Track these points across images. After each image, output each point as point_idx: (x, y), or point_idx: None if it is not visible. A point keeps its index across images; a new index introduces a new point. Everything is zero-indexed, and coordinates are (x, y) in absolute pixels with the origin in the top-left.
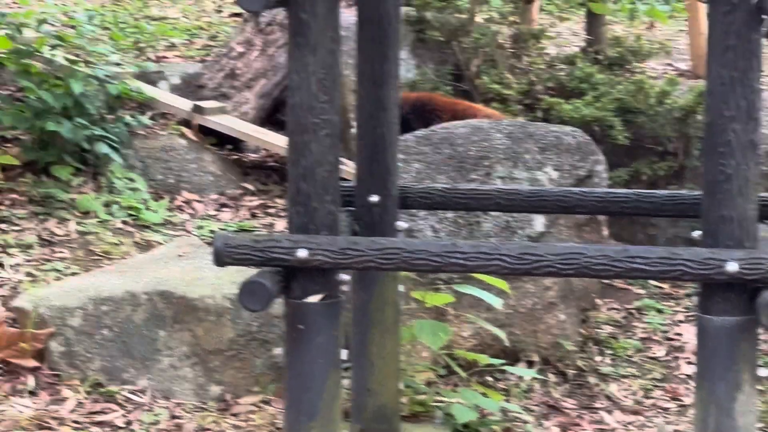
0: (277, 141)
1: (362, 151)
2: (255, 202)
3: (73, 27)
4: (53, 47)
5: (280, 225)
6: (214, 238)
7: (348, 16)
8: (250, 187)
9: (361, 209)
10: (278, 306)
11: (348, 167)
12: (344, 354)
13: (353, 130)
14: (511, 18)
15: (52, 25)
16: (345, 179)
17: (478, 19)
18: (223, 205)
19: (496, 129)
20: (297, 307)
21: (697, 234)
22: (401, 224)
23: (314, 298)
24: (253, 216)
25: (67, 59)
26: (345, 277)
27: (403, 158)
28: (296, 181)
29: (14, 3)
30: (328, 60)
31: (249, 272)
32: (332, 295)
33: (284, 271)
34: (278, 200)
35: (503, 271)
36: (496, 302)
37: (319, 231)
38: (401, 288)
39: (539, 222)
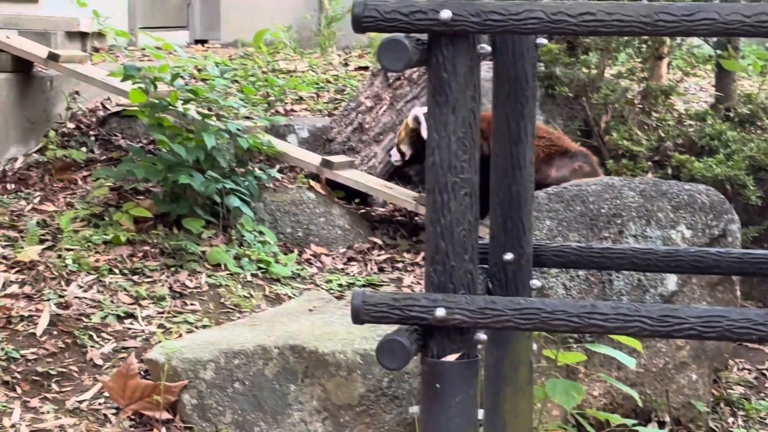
0: (405, 196)
1: (497, 209)
2: (383, 256)
3: (204, 80)
4: (186, 101)
5: (408, 279)
6: (352, 295)
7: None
8: (378, 241)
9: (494, 267)
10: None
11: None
12: (480, 414)
13: None
14: (641, 74)
15: (184, 78)
16: (479, 236)
17: (607, 74)
18: (351, 259)
19: (629, 186)
20: (434, 366)
21: None
22: (535, 282)
23: (451, 357)
24: (381, 270)
25: (199, 113)
26: (482, 336)
27: (535, 215)
28: (435, 240)
29: (144, 56)
30: (468, 118)
31: (380, 328)
32: (469, 354)
33: (421, 329)
34: (406, 254)
35: (643, 333)
36: (630, 362)
37: (457, 290)
38: (535, 347)
39: (672, 281)
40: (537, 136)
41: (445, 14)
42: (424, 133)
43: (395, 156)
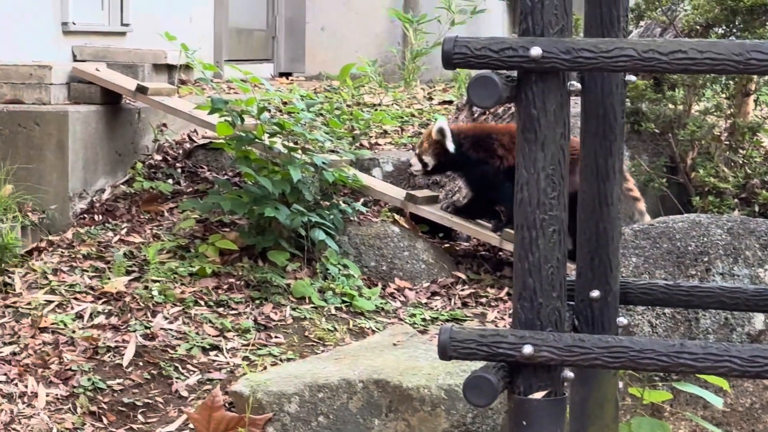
0: (487, 231)
1: (583, 246)
2: (466, 290)
3: (289, 114)
4: (272, 134)
5: (492, 315)
6: (439, 330)
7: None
8: (462, 275)
9: (581, 304)
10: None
11: None
12: None
13: None
14: (728, 110)
15: (270, 111)
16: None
17: (693, 110)
18: (435, 294)
19: (716, 224)
20: (521, 403)
21: None
22: (621, 320)
23: (538, 395)
24: (465, 305)
25: (285, 146)
26: (569, 374)
27: (621, 252)
28: (523, 277)
29: (230, 89)
30: (557, 155)
31: (465, 363)
32: (556, 392)
33: (508, 366)
34: (490, 289)
35: (733, 373)
36: (717, 401)
37: (544, 327)
38: (621, 384)
39: (759, 320)
40: None
41: (536, 51)
42: (450, 146)
43: (416, 165)
